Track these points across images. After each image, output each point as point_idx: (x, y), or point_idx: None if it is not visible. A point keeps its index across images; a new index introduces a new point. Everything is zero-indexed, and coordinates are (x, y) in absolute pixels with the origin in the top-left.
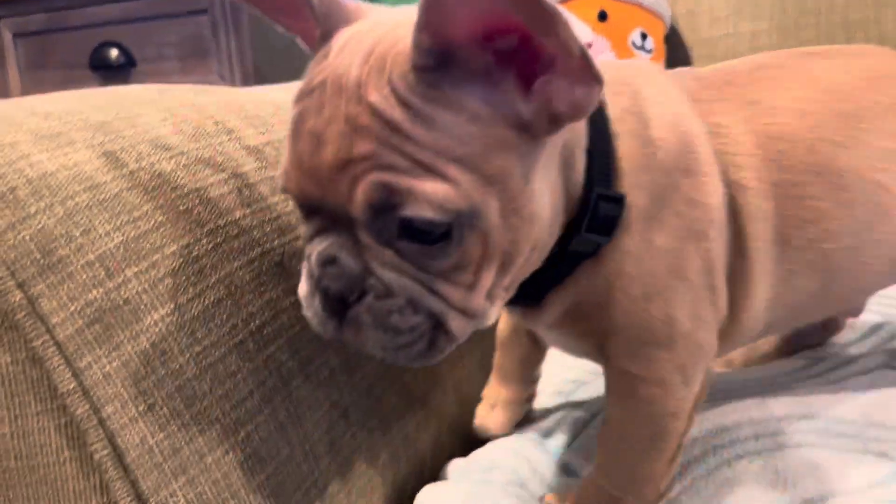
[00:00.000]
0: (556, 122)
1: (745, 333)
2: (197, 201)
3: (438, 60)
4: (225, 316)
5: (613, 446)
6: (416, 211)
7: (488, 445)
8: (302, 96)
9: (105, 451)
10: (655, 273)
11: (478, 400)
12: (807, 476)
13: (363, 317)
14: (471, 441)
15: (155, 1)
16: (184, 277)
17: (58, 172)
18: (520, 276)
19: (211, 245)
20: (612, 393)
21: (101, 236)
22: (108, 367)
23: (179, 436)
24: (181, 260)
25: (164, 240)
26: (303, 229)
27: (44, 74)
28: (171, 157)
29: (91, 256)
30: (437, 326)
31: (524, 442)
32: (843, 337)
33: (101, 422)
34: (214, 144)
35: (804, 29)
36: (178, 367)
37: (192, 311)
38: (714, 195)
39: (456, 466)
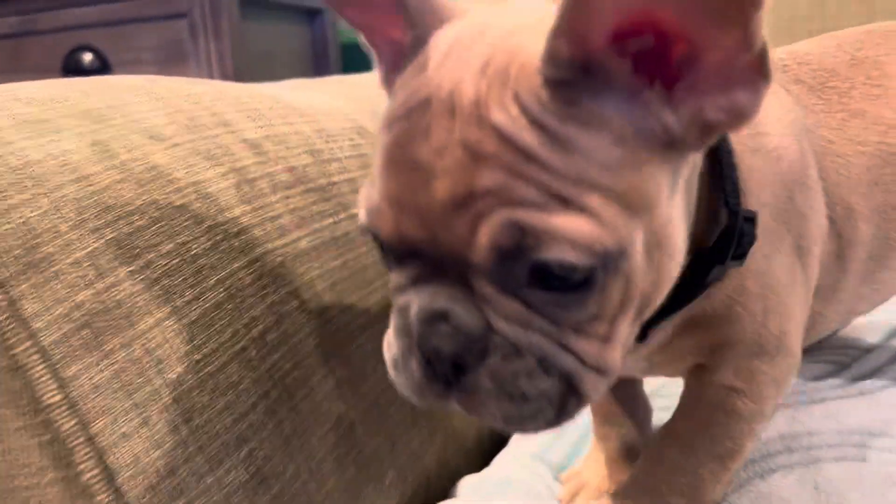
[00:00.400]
0: (708, 133)
1: (808, 342)
2: (194, 196)
3: (577, 72)
4: (226, 321)
5: (684, 453)
6: (557, 254)
7: (499, 458)
8: (397, 118)
9: (94, 472)
10: (775, 289)
11: None
12: (850, 490)
13: (483, 382)
14: (475, 456)
15: (132, 4)
16: (181, 278)
17: (43, 161)
18: (649, 314)
19: (210, 243)
20: (698, 404)
21: (90, 232)
22: (97, 378)
23: (176, 454)
24: (178, 259)
25: (160, 237)
26: (393, 278)
27: (15, 79)
28: (165, 149)
29: (80, 254)
30: (570, 388)
31: (538, 456)
32: (863, 338)
33: (90, 438)
34: (211, 136)
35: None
36: (175, 377)
37: (191, 315)
38: (821, 211)
39: (467, 483)
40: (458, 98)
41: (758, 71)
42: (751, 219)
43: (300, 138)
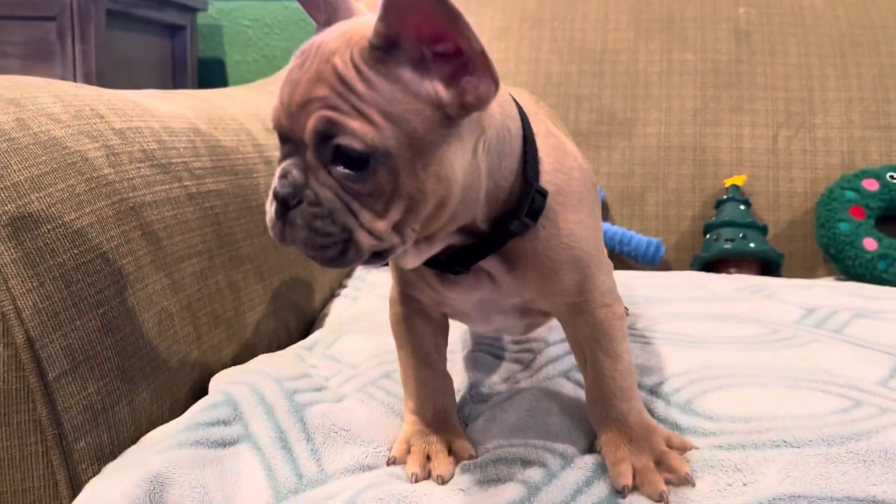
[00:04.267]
0: (464, 108)
1: None
2: (79, 158)
3: (388, 45)
4: (95, 237)
5: (618, 369)
6: (346, 141)
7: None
8: (296, 56)
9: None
10: (584, 234)
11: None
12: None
13: (297, 218)
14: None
15: (4, 3)
16: (70, 207)
17: None
18: (431, 226)
19: (87, 188)
20: (595, 329)
21: (15, 171)
22: (12, 255)
23: (60, 300)
24: (67, 194)
25: (56, 179)
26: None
27: None
28: (61, 127)
29: (7, 182)
30: (349, 239)
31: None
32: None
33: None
34: (91, 123)
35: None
36: (61, 261)
37: (75, 227)
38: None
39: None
40: (322, 48)
41: (487, 68)
42: (542, 192)
43: (150, 131)
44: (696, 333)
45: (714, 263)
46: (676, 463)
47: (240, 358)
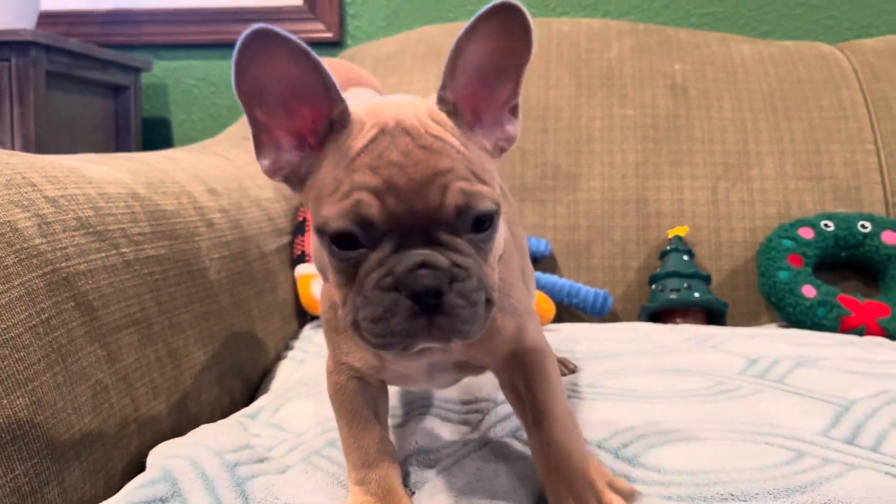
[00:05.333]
0: (500, 152)
1: None
2: (8, 230)
3: (452, 110)
4: (25, 308)
5: (558, 403)
6: (484, 206)
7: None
8: (363, 148)
9: None
10: (505, 280)
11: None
12: None
13: (454, 300)
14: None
15: None
16: (1, 276)
17: None
18: None
19: (17, 259)
20: (533, 372)
21: None
22: None
23: None
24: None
25: None
26: (372, 258)
27: None
28: None
29: None
30: (489, 300)
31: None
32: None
33: None
34: (22, 192)
35: None
36: None
37: (2, 300)
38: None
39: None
40: (406, 124)
41: (515, 112)
42: None
43: (86, 197)
44: (643, 388)
45: (661, 313)
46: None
47: (181, 429)
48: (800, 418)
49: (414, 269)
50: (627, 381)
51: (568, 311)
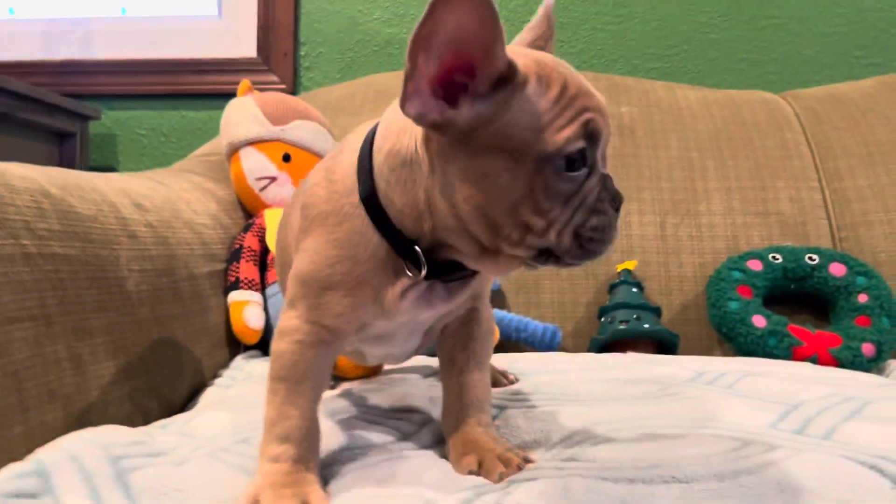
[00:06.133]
0: None
1: None
2: None
3: None
4: None
5: (482, 382)
6: None
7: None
8: (568, 80)
9: None
10: None
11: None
12: None
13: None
14: None
15: None
16: None
17: None
18: None
19: None
20: (479, 330)
21: None
22: None
23: None
24: None
25: None
26: (566, 187)
27: None
28: None
29: None
30: None
31: None
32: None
33: None
34: None
35: None
36: None
37: None
38: None
39: None
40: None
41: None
42: None
43: None
44: (585, 393)
45: (611, 345)
46: (515, 459)
47: None
48: (747, 415)
49: (607, 186)
50: (570, 388)
51: (517, 346)
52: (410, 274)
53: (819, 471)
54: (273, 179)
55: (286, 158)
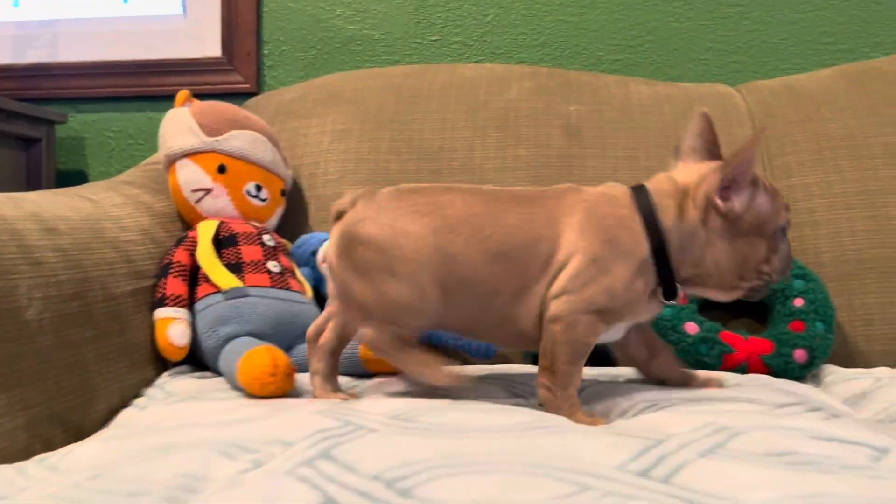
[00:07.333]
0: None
1: None
2: None
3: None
4: None
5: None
6: None
7: None
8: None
9: None
10: None
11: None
12: None
13: None
14: None
15: None
16: None
17: None
18: None
19: None
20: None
21: None
22: None
23: None
24: None
25: None
26: (779, 246)
27: None
28: None
29: None
30: None
31: None
32: None
33: None
34: None
35: None
36: None
37: None
38: None
39: None
40: None
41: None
42: None
43: None
44: (455, 423)
45: None
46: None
47: None
48: (605, 453)
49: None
50: (441, 417)
51: (455, 354)
52: (662, 298)
53: None
54: (208, 191)
55: (221, 169)
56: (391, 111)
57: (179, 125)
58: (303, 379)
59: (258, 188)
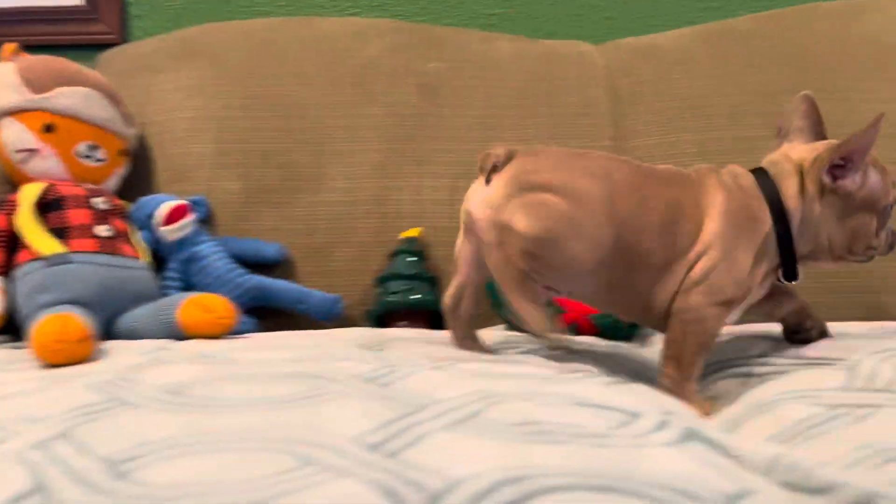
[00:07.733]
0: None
1: None
2: None
3: None
4: None
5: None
6: None
7: None
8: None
9: None
10: None
11: None
12: None
13: None
14: None
15: None
16: None
17: None
18: None
19: None
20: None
21: None
22: None
23: None
24: None
25: None
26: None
27: None
28: None
29: None
30: None
31: None
32: None
33: None
34: None
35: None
36: None
37: None
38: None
39: None
40: None
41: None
42: None
43: None
44: (225, 397)
45: (385, 317)
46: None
47: None
48: (351, 423)
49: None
50: (221, 390)
51: (301, 318)
52: (781, 278)
53: (328, 501)
54: (34, 152)
55: (49, 129)
56: (246, 66)
57: (3, 81)
58: None
59: (92, 148)
